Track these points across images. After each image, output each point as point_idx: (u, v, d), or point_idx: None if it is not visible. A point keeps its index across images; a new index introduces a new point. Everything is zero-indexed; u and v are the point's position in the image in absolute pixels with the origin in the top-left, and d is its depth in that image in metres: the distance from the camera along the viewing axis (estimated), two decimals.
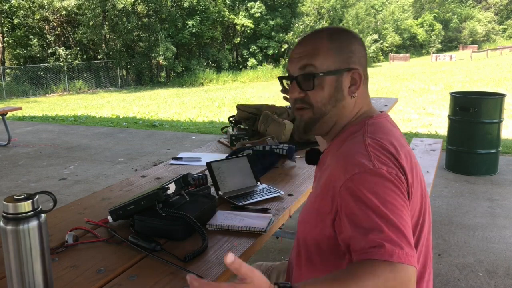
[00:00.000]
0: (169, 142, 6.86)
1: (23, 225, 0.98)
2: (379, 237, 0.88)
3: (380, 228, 0.89)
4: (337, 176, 1.02)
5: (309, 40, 1.15)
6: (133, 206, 1.46)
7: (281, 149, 2.24)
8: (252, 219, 1.52)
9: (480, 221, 3.58)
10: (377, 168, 0.97)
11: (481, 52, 41.01)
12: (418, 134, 7.07)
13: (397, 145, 1.06)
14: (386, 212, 0.91)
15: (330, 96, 1.13)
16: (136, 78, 27.99)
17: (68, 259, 1.29)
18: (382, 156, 1.00)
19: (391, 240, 0.88)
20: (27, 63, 25.14)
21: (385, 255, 0.86)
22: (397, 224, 0.90)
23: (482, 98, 4.85)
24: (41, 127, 8.44)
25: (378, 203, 0.92)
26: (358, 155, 1.01)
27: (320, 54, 1.12)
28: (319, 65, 1.11)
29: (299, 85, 1.14)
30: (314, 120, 1.15)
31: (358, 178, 0.96)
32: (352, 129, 1.14)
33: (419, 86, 16.75)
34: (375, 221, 0.90)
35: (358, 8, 41.46)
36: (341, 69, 1.13)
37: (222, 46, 31.97)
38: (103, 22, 26.41)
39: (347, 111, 1.16)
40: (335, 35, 1.15)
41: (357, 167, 0.98)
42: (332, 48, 1.12)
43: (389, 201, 0.93)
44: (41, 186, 4.74)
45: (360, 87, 1.15)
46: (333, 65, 1.12)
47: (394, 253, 0.86)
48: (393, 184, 0.96)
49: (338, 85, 1.13)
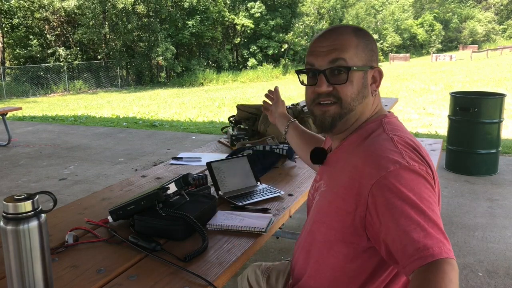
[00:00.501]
0: (169, 142, 6.86)
1: (23, 225, 0.98)
2: (422, 236, 0.88)
3: (421, 226, 0.89)
4: (366, 173, 1.00)
5: (335, 34, 1.14)
6: (133, 206, 1.46)
7: (281, 149, 2.24)
8: (252, 219, 1.52)
9: (480, 221, 3.58)
10: (411, 165, 0.98)
11: (481, 52, 41.01)
12: (418, 134, 7.07)
13: (417, 143, 1.08)
14: (424, 208, 0.92)
15: (359, 91, 1.13)
16: (136, 78, 28.00)
17: (68, 259, 1.29)
18: (411, 153, 1.02)
19: (433, 237, 0.88)
20: (27, 63, 25.15)
21: (438, 254, 0.85)
22: (435, 220, 0.91)
23: (482, 98, 4.85)
24: (41, 127, 8.44)
25: (416, 200, 0.92)
26: (389, 152, 1.01)
27: (350, 49, 1.11)
28: (349, 59, 1.11)
29: (327, 79, 1.12)
30: (341, 115, 1.13)
31: (394, 175, 0.96)
32: (369, 126, 1.14)
33: (419, 86, 16.76)
34: (415, 218, 0.90)
35: (358, 8, 41.48)
36: (366, 66, 1.14)
37: (222, 46, 31.98)
38: (103, 22, 26.42)
39: (368, 108, 1.17)
40: (359, 33, 1.15)
41: (391, 163, 0.98)
42: (359, 44, 1.13)
43: (424, 198, 0.94)
44: (41, 186, 4.74)
45: (379, 85, 1.17)
46: (361, 61, 1.12)
47: (442, 250, 0.86)
48: (426, 180, 0.98)
49: (365, 81, 1.14)
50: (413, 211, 0.91)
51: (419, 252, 0.86)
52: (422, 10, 54.75)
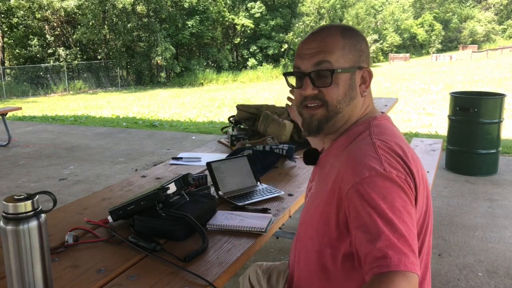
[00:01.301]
0: (169, 142, 6.86)
1: (23, 225, 0.98)
2: (385, 245, 0.88)
3: (386, 235, 0.89)
4: (345, 178, 1.00)
5: (321, 35, 1.12)
6: (133, 206, 1.46)
7: (281, 149, 2.24)
8: (252, 219, 1.52)
9: (480, 221, 3.58)
10: (388, 172, 0.96)
11: (481, 52, 41.02)
12: (418, 134, 7.07)
13: (404, 147, 1.06)
14: (393, 218, 0.91)
15: (345, 93, 1.11)
16: (136, 78, 28.01)
17: (68, 259, 1.29)
18: (392, 159, 0.99)
19: (395, 247, 0.88)
20: (27, 63, 25.14)
21: (395, 266, 0.86)
22: (402, 231, 0.90)
23: (482, 98, 4.85)
24: (41, 127, 8.44)
25: (385, 209, 0.91)
26: (368, 157, 1.00)
27: (335, 51, 1.10)
28: (334, 61, 1.09)
29: (313, 82, 1.11)
30: (327, 118, 1.13)
31: (368, 182, 0.95)
32: (357, 129, 1.13)
33: (419, 86, 16.76)
34: (381, 227, 0.90)
35: (358, 8, 41.48)
36: (354, 67, 1.12)
37: (222, 46, 31.97)
38: (103, 22, 26.42)
39: (357, 109, 1.15)
40: (347, 33, 1.13)
41: (367, 170, 0.97)
42: (346, 45, 1.11)
43: (396, 207, 0.92)
44: (41, 186, 4.74)
45: (369, 86, 1.15)
46: (347, 62, 1.11)
47: (401, 262, 0.86)
48: (402, 189, 0.96)
49: (352, 83, 1.12)
50: (381, 220, 0.90)
51: (377, 261, 0.87)
52: (422, 10, 54.74)
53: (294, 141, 2.64)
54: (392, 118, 1.25)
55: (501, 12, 57.46)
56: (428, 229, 1.10)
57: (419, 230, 1.05)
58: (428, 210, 1.09)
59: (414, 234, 0.92)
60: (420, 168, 1.08)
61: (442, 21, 52.91)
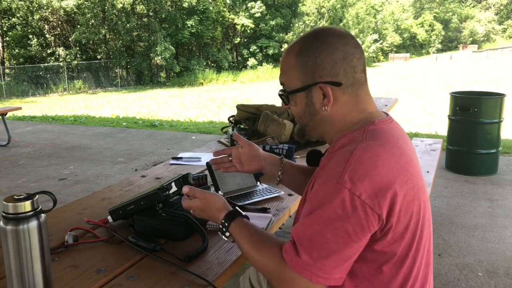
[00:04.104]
0: (169, 142, 6.86)
1: (23, 225, 0.98)
2: (292, 232, 1.02)
3: (297, 227, 1.01)
4: (317, 179, 1.06)
5: (284, 56, 1.17)
6: (133, 206, 1.45)
7: (281, 149, 2.24)
8: (252, 219, 1.51)
9: (480, 221, 3.58)
10: (341, 184, 0.95)
11: (481, 52, 41.00)
12: (418, 134, 7.07)
13: (393, 160, 1.00)
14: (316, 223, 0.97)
15: (303, 111, 1.15)
16: (136, 78, 28.00)
17: (68, 259, 1.28)
18: (360, 172, 0.96)
19: (295, 241, 0.99)
20: (26, 63, 25.13)
21: (284, 250, 1.01)
22: (313, 238, 0.97)
23: (482, 98, 4.85)
24: (41, 127, 8.43)
25: (318, 211, 0.97)
26: (338, 163, 1.00)
27: (288, 72, 1.14)
28: (287, 82, 1.15)
29: (283, 100, 1.20)
30: (301, 127, 1.20)
31: (321, 187, 1.00)
32: (351, 135, 1.09)
33: (419, 86, 16.76)
34: (302, 220, 1.01)
35: (358, 8, 41.44)
36: (308, 85, 1.11)
37: (222, 46, 31.97)
38: (103, 22, 26.41)
39: (327, 122, 1.13)
40: (303, 50, 1.11)
41: (329, 175, 1.00)
42: (297, 65, 1.11)
43: (327, 218, 0.96)
44: (41, 186, 4.74)
45: (338, 98, 1.09)
46: (300, 82, 1.12)
47: (288, 252, 0.99)
48: (344, 203, 0.94)
49: (308, 101, 1.12)
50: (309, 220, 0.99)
51: (290, 242, 1.02)
52: (422, 10, 54.73)
53: (294, 141, 2.63)
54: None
55: (501, 12, 57.45)
56: (422, 243, 1.06)
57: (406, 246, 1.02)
58: (422, 224, 1.05)
59: (334, 254, 0.96)
60: (411, 178, 1.02)
61: (442, 21, 52.90)
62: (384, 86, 17.45)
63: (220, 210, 1.18)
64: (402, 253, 1.02)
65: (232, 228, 1.14)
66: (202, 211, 1.21)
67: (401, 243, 1.01)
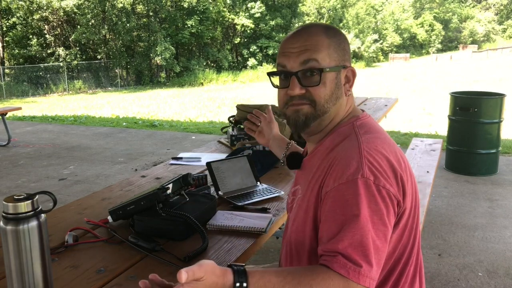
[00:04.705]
0: (169, 142, 6.86)
1: (23, 225, 0.98)
2: (337, 247, 0.91)
3: (341, 238, 0.92)
4: (328, 180, 1.01)
5: (306, 34, 1.10)
6: (133, 206, 1.46)
7: None
8: (252, 219, 1.52)
9: (480, 221, 3.58)
10: (366, 178, 0.95)
11: (481, 52, 40.99)
12: (418, 134, 7.07)
13: (391, 149, 1.05)
14: (358, 226, 0.92)
15: (332, 93, 1.10)
16: (136, 78, 27.98)
17: (68, 259, 1.28)
18: (375, 163, 0.98)
19: (346, 253, 0.91)
20: (26, 63, 25.12)
21: (338, 267, 0.90)
22: (362, 241, 0.91)
23: (482, 98, 4.85)
24: (41, 127, 8.43)
25: (353, 214, 0.93)
26: (351, 160, 0.99)
27: (322, 49, 1.08)
28: (321, 60, 1.08)
29: (300, 81, 1.09)
30: (314, 116, 1.11)
31: (345, 187, 0.96)
32: (341, 130, 1.11)
33: (419, 86, 16.76)
34: (340, 230, 0.93)
35: (358, 8, 41.44)
36: (339, 66, 1.11)
37: (222, 46, 31.96)
38: (103, 22, 26.41)
39: (342, 109, 1.15)
40: (330, 32, 1.12)
41: (347, 175, 0.97)
42: (331, 44, 1.10)
43: (366, 215, 0.93)
44: (41, 186, 4.74)
45: (353, 85, 1.15)
46: (333, 61, 1.10)
47: (347, 267, 0.90)
48: (374, 196, 0.95)
49: (338, 82, 1.11)
50: (345, 223, 0.93)
51: (327, 255, 0.93)
52: (422, 10, 54.71)
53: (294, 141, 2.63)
54: (392, 118, 1.25)
55: (501, 12, 57.44)
56: (417, 239, 1.11)
57: (410, 231, 1.07)
58: (417, 215, 1.10)
59: (380, 247, 0.93)
60: (409, 169, 1.08)
61: (442, 21, 52.89)
62: (384, 86, 17.44)
63: (219, 275, 0.88)
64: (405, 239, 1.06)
65: (254, 286, 0.89)
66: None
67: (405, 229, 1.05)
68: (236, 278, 0.88)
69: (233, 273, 0.88)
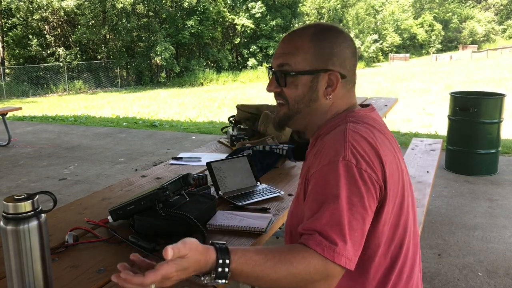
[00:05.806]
0: (169, 142, 6.86)
1: (23, 225, 0.98)
2: (315, 225, 0.95)
3: (320, 217, 0.95)
4: (313, 164, 1.05)
5: (292, 37, 1.16)
6: (133, 206, 1.46)
7: (281, 149, 2.24)
8: (252, 219, 1.52)
9: (480, 221, 3.58)
10: (347, 161, 0.98)
11: (481, 52, 40.99)
12: (418, 134, 7.07)
13: (380, 139, 1.06)
14: (336, 205, 0.94)
15: (304, 95, 1.14)
16: (136, 78, 27.99)
17: (68, 259, 1.29)
18: (359, 148, 1.01)
19: (324, 231, 0.93)
20: (26, 63, 25.13)
21: (314, 245, 0.93)
22: (340, 220, 0.93)
23: (482, 98, 4.85)
24: (41, 127, 8.43)
25: (332, 194, 0.96)
26: (335, 143, 1.03)
27: (299, 54, 1.13)
28: (294, 64, 1.13)
29: (277, 80, 1.16)
30: (288, 116, 1.18)
31: (326, 168, 1.00)
32: (334, 122, 1.14)
33: (419, 86, 16.76)
34: (319, 209, 0.96)
35: (358, 8, 41.47)
36: (318, 70, 1.12)
37: (222, 46, 31.96)
38: (103, 22, 26.41)
39: (321, 112, 1.16)
40: (320, 35, 1.13)
41: (329, 157, 1.00)
42: (312, 48, 1.12)
43: (345, 196, 0.95)
44: (41, 186, 4.74)
45: (337, 89, 1.14)
46: (310, 65, 1.12)
47: (322, 245, 0.92)
48: (355, 179, 0.97)
49: (313, 85, 1.13)
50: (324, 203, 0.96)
51: (305, 234, 0.96)
52: (422, 10, 54.72)
53: (294, 141, 2.64)
54: (392, 118, 1.25)
55: (501, 12, 57.45)
56: (409, 219, 1.11)
57: (394, 219, 1.07)
58: (405, 199, 1.10)
59: (358, 228, 0.95)
60: (398, 159, 1.10)
61: (442, 21, 52.89)
62: (384, 86, 17.44)
63: (202, 252, 0.89)
64: (390, 233, 1.06)
65: (236, 263, 0.90)
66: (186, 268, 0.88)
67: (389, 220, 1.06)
68: (218, 255, 0.90)
69: (216, 251, 0.91)
